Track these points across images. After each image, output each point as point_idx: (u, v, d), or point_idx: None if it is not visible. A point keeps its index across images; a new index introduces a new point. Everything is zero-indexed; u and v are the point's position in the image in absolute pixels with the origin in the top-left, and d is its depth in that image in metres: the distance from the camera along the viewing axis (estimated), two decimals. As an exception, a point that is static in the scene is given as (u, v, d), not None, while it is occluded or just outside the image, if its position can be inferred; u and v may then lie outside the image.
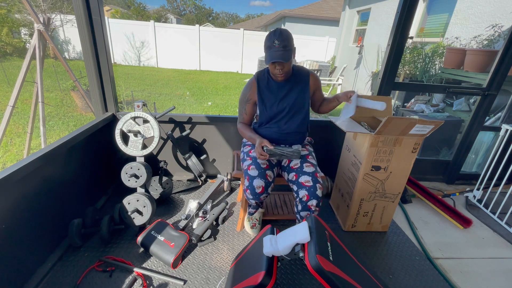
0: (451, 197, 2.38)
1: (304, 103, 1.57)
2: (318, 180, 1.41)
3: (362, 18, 8.72)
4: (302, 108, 1.57)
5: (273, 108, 1.54)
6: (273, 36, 1.34)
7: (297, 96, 1.54)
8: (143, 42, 11.10)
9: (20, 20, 9.50)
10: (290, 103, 1.54)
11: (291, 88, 1.54)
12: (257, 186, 1.39)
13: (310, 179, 1.40)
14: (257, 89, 1.55)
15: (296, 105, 1.55)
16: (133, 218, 1.65)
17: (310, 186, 1.38)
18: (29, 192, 1.30)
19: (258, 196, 1.41)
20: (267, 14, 33.16)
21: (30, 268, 1.33)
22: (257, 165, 1.47)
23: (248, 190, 1.41)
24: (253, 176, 1.42)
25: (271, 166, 1.53)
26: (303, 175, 1.43)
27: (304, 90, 1.55)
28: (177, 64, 11.52)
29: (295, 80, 1.55)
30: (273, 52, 1.35)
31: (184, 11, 49.11)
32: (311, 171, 1.44)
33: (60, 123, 4.39)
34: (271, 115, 1.55)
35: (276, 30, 1.36)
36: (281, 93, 1.54)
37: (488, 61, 3.19)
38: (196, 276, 1.43)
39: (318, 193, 1.38)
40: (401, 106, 4.21)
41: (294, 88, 1.54)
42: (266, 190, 1.42)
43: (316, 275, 0.95)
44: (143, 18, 27.92)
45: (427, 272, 1.57)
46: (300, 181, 1.42)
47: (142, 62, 11.45)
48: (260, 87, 1.55)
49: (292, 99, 1.54)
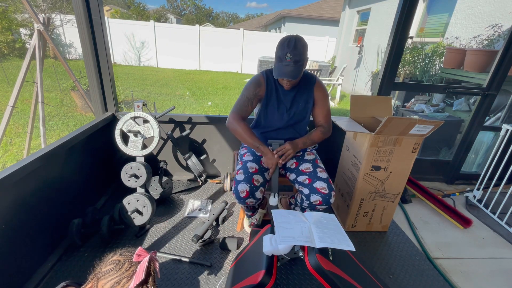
0: (451, 197, 2.38)
1: (305, 115, 1.54)
2: (333, 188, 1.40)
3: (362, 18, 8.72)
4: (303, 120, 1.54)
5: (273, 116, 1.53)
6: (286, 47, 1.26)
7: (300, 107, 1.51)
8: (143, 42, 11.10)
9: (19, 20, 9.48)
10: (291, 114, 1.51)
11: (295, 96, 1.50)
12: (241, 190, 1.37)
13: (326, 186, 1.38)
14: (265, 88, 1.50)
15: (297, 116, 1.52)
16: (133, 218, 1.65)
17: (325, 194, 1.36)
18: (29, 192, 1.30)
19: (243, 200, 1.39)
20: (267, 14, 33.18)
21: (30, 268, 1.33)
22: (245, 169, 1.45)
23: (234, 194, 1.41)
24: (238, 181, 1.40)
25: (262, 170, 1.49)
26: (318, 180, 1.40)
27: (308, 99, 1.52)
28: (177, 64, 11.52)
29: (301, 86, 1.50)
30: (283, 66, 1.28)
31: (184, 11, 49.13)
32: (325, 177, 1.42)
33: (60, 123, 4.39)
34: (269, 123, 1.55)
35: (290, 40, 1.27)
36: (286, 99, 1.50)
37: (488, 61, 3.19)
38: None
39: (331, 200, 1.37)
40: (401, 106, 4.21)
41: (298, 96, 1.50)
42: (252, 194, 1.38)
43: (316, 275, 0.95)
44: (143, 18, 27.92)
45: (427, 272, 1.57)
46: (315, 186, 1.39)
47: (142, 62, 11.45)
48: (268, 88, 1.50)
49: (293, 109, 1.51)
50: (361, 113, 1.84)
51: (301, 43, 1.29)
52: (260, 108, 1.55)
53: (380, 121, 1.75)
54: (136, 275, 0.80)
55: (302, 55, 1.28)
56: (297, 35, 1.33)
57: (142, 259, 0.84)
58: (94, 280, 0.81)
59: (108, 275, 0.79)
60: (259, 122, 1.58)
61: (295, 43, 1.27)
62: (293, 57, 1.26)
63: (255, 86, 1.49)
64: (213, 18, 54.58)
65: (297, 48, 1.26)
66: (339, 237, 1.03)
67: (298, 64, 1.28)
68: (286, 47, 1.26)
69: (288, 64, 1.28)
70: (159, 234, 1.71)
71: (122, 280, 0.78)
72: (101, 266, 0.82)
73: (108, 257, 0.86)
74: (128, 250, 0.89)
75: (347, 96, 8.14)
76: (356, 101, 1.86)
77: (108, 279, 0.78)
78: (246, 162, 1.50)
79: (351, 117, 1.85)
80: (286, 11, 15.89)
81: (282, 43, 1.29)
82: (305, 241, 0.98)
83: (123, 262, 0.82)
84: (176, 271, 1.44)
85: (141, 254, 0.86)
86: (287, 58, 1.26)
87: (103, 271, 0.80)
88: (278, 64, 1.31)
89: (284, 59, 1.27)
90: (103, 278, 0.79)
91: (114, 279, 0.78)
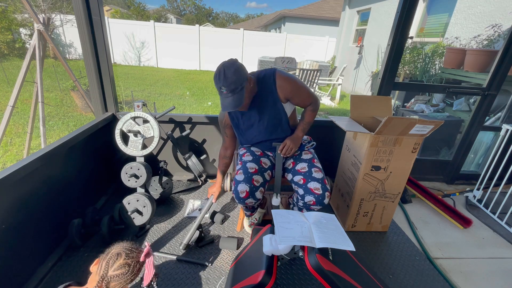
0: (451, 197, 2.38)
1: (280, 116, 1.47)
2: (327, 188, 1.39)
3: (362, 18, 8.72)
4: (280, 120, 1.49)
5: (249, 132, 1.54)
6: (218, 80, 1.24)
7: (270, 111, 1.45)
8: (143, 42, 11.10)
9: (18, 20, 9.47)
10: (265, 123, 1.47)
11: (259, 105, 1.42)
12: (241, 191, 1.37)
13: (319, 187, 1.37)
14: (229, 113, 1.52)
15: (272, 121, 1.48)
16: (133, 218, 1.65)
17: (319, 195, 1.36)
18: (29, 192, 1.30)
19: (243, 200, 1.38)
20: (267, 14, 33.18)
21: (30, 268, 1.33)
22: (245, 169, 1.44)
23: (233, 194, 1.41)
24: (238, 181, 1.40)
25: (262, 170, 1.48)
26: (312, 181, 1.40)
27: (274, 100, 1.42)
28: (177, 64, 11.52)
29: (260, 92, 1.40)
30: (223, 99, 1.27)
31: (184, 11, 49.13)
32: (320, 177, 1.41)
33: (60, 123, 4.39)
34: (249, 138, 1.56)
35: (220, 72, 1.23)
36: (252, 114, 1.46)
37: (488, 61, 3.19)
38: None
39: (325, 201, 1.37)
40: (401, 106, 4.21)
41: (263, 103, 1.42)
42: (252, 195, 1.38)
43: (315, 275, 0.95)
44: (143, 18, 27.93)
45: (427, 272, 1.57)
46: (309, 187, 1.38)
47: (142, 62, 11.45)
48: (230, 112, 1.50)
49: (265, 118, 1.46)
50: (361, 113, 1.84)
51: (231, 70, 1.23)
52: (236, 132, 1.59)
53: (380, 121, 1.75)
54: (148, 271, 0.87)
55: (236, 81, 1.23)
56: (227, 61, 1.27)
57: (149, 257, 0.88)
58: (104, 283, 0.82)
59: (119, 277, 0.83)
60: (241, 142, 1.61)
61: (225, 73, 1.22)
62: (228, 87, 1.23)
63: (222, 114, 1.56)
64: (213, 18, 54.58)
65: (228, 78, 1.22)
66: (339, 237, 1.03)
67: (236, 92, 1.24)
68: (218, 80, 1.24)
69: (226, 96, 1.25)
70: (159, 234, 1.71)
71: (133, 280, 0.85)
72: (106, 267, 0.83)
73: (111, 254, 0.86)
74: (130, 248, 0.90)
75: (347, 96, 8.14)
76: (356, 101, 1.86)
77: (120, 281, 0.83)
78: (246, 162, 1.50)
79: (351, 117, 1.85)
80: (286, 11, 15.89)
81: (215, 76, 1.26)
82: (305, 241, 0.98)
83: (133, 265, 0.86)
84: (176, 271, 1.44)
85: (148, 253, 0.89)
86: (223, 91, 1.24)
87: (112, 274, 0.82)
88: (220, 98, 1.29)
89: (221, 93, 1.26)
90: (113, 280, 0.82)
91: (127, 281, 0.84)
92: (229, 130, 1.60)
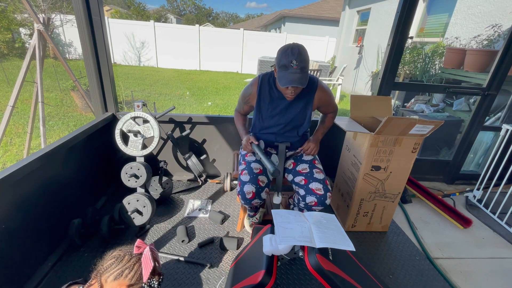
0: (451, 197, 2.38)
1: (304, 120, 1.50)
2: (329, 189, 1.39)
3: (362, 18, 8.72)
4: (301, 125, 1.51)
5: (268, 121, 1.51)
6: (290, 54, 1.22)
7: (298, 112, 1.47)
8: (143, 42, 11.10)
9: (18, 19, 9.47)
10: (288, 120, 1.48)
11: (293, 101, 1.45)
12: (248, 191, 1.37)
13: (321, 187, 1.38)
14: (257, 94, 1.49)
15: (294, 122, 1.49)
16: (133, 218, 1.65)
17: (320, 195, 1.36)
18: (29, 192, 1.30)
19: (249, 201, 1.39)
20: (267, 14, 33.19)
21: (30, 268, 1.33)
22: (250, 170, 1.45)
23: (239, 195, 1.41)
24: (244, 182, 1.40)
25: (265, 170, 1.49)
26: (314, 181, 1.40)
27: (307, 105, 1.47)
28: (177, 64, 11.52)
29: (302, 91, 1.42)
30: (290, 74, 1.23)
31: (184, 11, 49.13)
32: (321, 178, 1.42)
33: (60, 123, 4.39)
34: (265, 126, 1.54)
35: (294, 48, 1.23)
36: (281, 105, 1.46)
37: (488, 61, 3.19)
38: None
39: (327, 201, 1.37)
40: (401, 106, 4.21)
41: (296, 101, 1.45)
42: (258, 195, 1.38)
43: (315, 275, 0.95)
44: (143, 18, 27.92)
45: (427, 272, 1.57)
46: (310, 187, 1.39)
47: (142, 62, 11.45)
48: (261, 93, 1.48)
49: (290, 115, 1.47)
50: (361, 113, 1.84)
51: (304, 50, 1.26)
52: (254, 113, 1.56)
53: (380, 121, 1.75)
54: (144, 265, 0.83)
55: (307, 62, 1.26)
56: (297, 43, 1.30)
57: (142, 250, 0.86)
58: (97, 277, 0.82)
59: (110, 269, 0.81)
60: (254, 124, 1.60)
61: (299, 50, 1.23)
62: (300, 64, 1.22)
63: (248, 91, 1.54)
64: (213, 18, 54.59)
65: (302, 55, 1.23)
66: (339, 237, 1.03)
67: (305, 71, 1.24)
68: (290, 55, 1.22)
69: (295, 71, 1.23)
70: (159, 234, 1.71)
71: (124, 271, 0.80)
72: (102, 263, 0.84)
73: (108, 254, 0.87)
74: (127, 247, 0.91)
75: (347, 96, 8.14)
76: (356, 101, 1.86)
77: (111, 272, 0.80)
78: (250, 162, 1.50)
79: (351, 117, 1.85)
80: (286, 11, 15.89)
81: (285, 51, 1.25)
82: (305, 241, 0.98)
83: (123, 255, 0.84)
84: (176, 271, 1.44)
85: (141, 246, 0.87)
86: (293, 65, 1.22)
87: (104, 266, 0.82)
88: (283, 73, 1.25)
89: (290, 67, 1.23)
90: (106, 272, 0.81)
91: (117, 271, 0.80)
92: (247, 107, 1.60)
